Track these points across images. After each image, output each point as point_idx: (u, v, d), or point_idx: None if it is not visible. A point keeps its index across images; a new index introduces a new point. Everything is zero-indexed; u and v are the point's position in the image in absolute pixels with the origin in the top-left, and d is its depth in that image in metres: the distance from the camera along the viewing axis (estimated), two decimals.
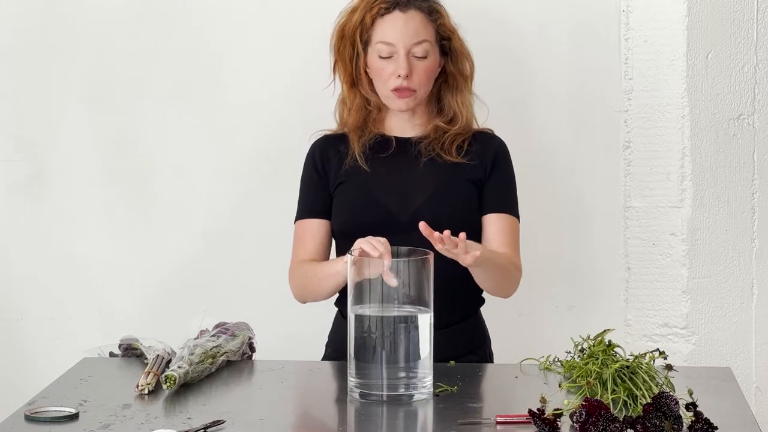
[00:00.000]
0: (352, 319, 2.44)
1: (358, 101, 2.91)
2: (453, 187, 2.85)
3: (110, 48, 3.44)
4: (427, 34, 2.85)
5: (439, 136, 2.88)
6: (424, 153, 2.87)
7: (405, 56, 2.82)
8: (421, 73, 2.84)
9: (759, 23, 3.32)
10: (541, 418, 2.23)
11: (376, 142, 2.90)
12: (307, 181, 2.92)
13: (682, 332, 3.39)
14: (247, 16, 3.42)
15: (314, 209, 2.90)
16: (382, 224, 2.56)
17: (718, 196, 3.36)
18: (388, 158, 2.88)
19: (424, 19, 2.86)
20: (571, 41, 3.38)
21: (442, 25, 2.89)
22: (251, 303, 3.37)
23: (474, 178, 2.87)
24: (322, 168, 2.90)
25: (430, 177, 2.85)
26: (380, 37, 2.84)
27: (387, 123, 2.93)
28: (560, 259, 3.45)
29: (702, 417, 2.21)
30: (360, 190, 2.86)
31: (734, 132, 3.35)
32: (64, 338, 3.49)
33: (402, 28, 2.83)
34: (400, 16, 2.84)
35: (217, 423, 2.29)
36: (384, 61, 2.83)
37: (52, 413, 2.35)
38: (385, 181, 2.86)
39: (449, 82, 2.91)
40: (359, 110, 2.91)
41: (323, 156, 2.91)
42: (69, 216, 3.48)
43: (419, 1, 2.86)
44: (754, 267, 3.38)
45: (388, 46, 2.83)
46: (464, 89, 2.92)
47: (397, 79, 2.82)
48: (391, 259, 2.43)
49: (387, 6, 2.84)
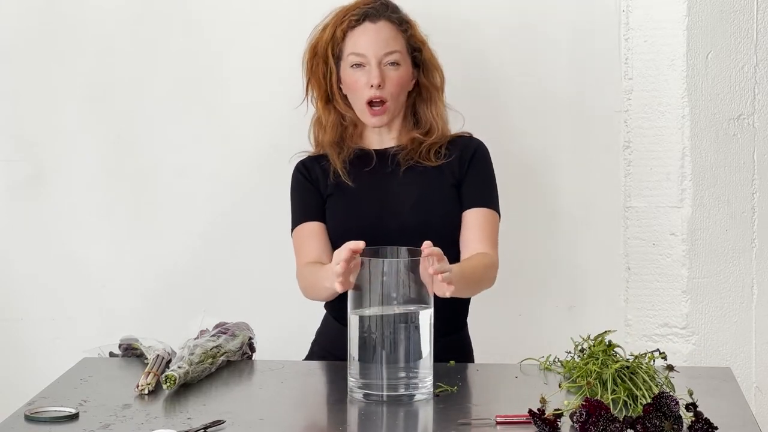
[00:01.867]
0: (352, 319, 2.44)
1: (333, 118, 2.92)
2: (437, 192, 2.86)
3: (110, 48, 3.44)
4: (398, 45, 2.86)
5: (416, 146, 2.89)
6: (403, 162, 2.88)
7: (377, 66, 2.83)
8: (393, 83, 2.84)
9: (759, 23, 3.32)
10: (542, 418, 2.23)
11: (356, 157, 2.91)
12: (299, 191, 2.92)
13: (682, 332, 3.39)
14: (247, 16, 3.42)
15: (310, 212, 2.89)
16: (371, 234, 2.56)
17: (718, 196, 3.36)
18: (371, 171, 2.89)
19: (395, 30, 2.87)
20: (571, 41, 3.38)
21: (412, 36, 2.90)
22: (251, 303, 3.37)
23: (455, 181, 2.88)
24: (311, 180, 2.90)
25: (413, 184, 2.87)
26: (351, 48, 2.85)
27: (364, 137, 2.94)
28: (560, 259, 3.45)
29: (702, 417, 2.21)
30: (347, 204, 2.87)
31: (734, 132, 3.35)
32: (64, 338, 3.49)
33: (373, 38, 2.84)
34: (370, 27, 2.85)
35: (217, 423, 2.29)
36: (356, 72, 2.84)
37: (52, 413, 2.35)
38: (370, 192, 2.87)
39: (423, 94, 2.93)
40: (334, 127, 2.92)
41: (309, 171, 2.92)
42: (69, 216, 3.48)
43: (389, 12, 2.88)
44: (754, 267, 3.38)
45: (360, 56, 2.84)
46: (437, 100, 2.93)
47: (370, 90, 2.83)
48: (345, 267, 2.39)
49: (357, 18, 2.86)
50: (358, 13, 2.86)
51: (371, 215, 2.84)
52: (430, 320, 2.44)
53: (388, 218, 2.83)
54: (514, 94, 3.41)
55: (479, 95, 3.39)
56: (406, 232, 2.73)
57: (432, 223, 2.82)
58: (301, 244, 2.88)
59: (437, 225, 2.82)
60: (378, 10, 2.87)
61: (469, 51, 3.38)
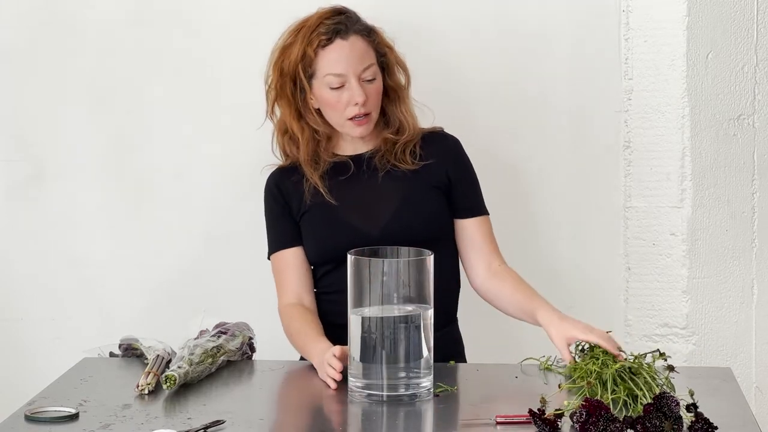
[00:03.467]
0: (352, 319, 2.44)
1: (308, 134, 2.90)
2: (417, 196, 2.86)
3: (110, 48, 3.44)
4: (371, 57, 2.85)
5: (390, 147, 2.89)
6: (380, 167, 2.88)
7: (357, 84, 2.81)
8: (373, 96, 2.84)
9: (759, 23, 3.32)
10: (542, 418, 2.23)
11: (331, 167, 2.90)
12: (271, 214, 2.92)
13: (682, 332, 3.39)
14: (247, 16, 3.42)
15: (285, 239, 2.90)
16: (353, 245, 2.56)
17: (718, 196, 3.36)
18: (348, 180, 2.89)
19: (365, 43, 2.85)
20: (571, 41, 3.38)
21: (379, 43, 2.89)
22: (251, 303, 3.37)
23: (437, 183, 2.88)
24: (283, 200, 2.90)
25: (392, 189, 2.87)
26: (328, 69, 2.82)
27: (338, 145, 2.93)
28: (560, 259, 3.45)
29: (702, 417, 2.21)
30: (326, 216, 2.86)
31: (734, 132, 3.35)
32: (64, 338, 3.49)
33: (348, 56, 2.82)
34: (343, 44, 2.82)
35: (217, 423, 2.29)
36: (336, 92, 2.82)
37: (52, 413, 2.35)
38: (349, 202, 2.86)
39: (389, 95, 2.92)
40: (309, 142, 2.90)
41: (280, 189, 2.91)
42: (69, 216, 3.48)
43: (356, 25, 2.86)
44: (754, 267, 3.38)
45: (338, 77, 2.81)
46: (404, 98, 2.93)
47: (354, 107, 2.81)
48: (340, 377, 2.52)
49: (327, 37, 2.82)
50: (326, 31, 2.82)
51: (351, 225, 2.84)
52: (430, 320, 2.45)
53: (369, 227, 2.83)
54: (514, 95, 3.41)
55: (479, 95, 3.39)
56: (389, 238, 2.73)
57: (414, 227, 2.83)
58: (280, 278, 2.90)
59: (420, 228, 2.83)
60: (346, 25, 2.83)
61: (469, 51, 3.38)
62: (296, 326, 2.81)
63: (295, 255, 2.89)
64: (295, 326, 2.81)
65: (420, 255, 2.44)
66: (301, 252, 2.89)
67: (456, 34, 3.36)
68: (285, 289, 2.89)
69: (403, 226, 2.82)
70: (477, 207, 2.91)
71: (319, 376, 2.59)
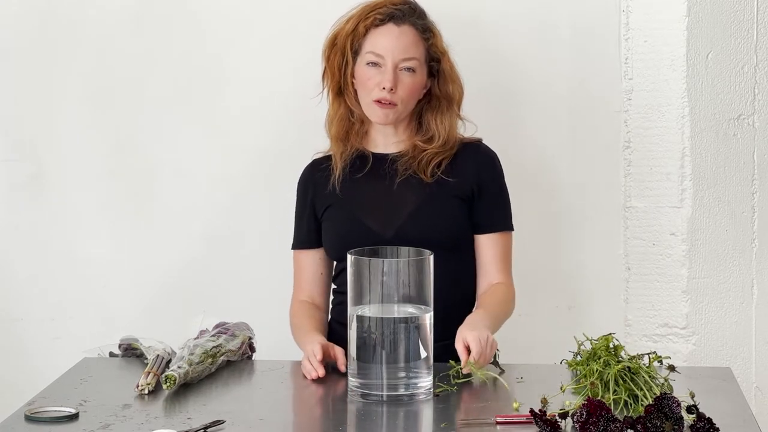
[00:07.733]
0: (352, 319, 2.44)
1: (342, 111, 2.92)
2: (437, 203, 2.86)
3: (110, 48, 3.44)
4: (417, 52, 2.85)
5: (417, 154, 2.89)
6: (400, 171, 2.88)
7: (392, 69, 2.82)
8: (405, 88, 2.84)
9: (759, 23, 3.32)
10: (543, 418, 2.23)
11: (355, 158, 2.91)
12: (299, 210, 2.98)
13: (682, 332, 3.39)
14: (247, 16, 3.42)
15: (305, 239, 2.95)
16: (367, 244, 2.57)
17: (718, 196, 3.36)
18: (366, 177, 2.90)
19: (416, 37, 2.86)
20: (571, 41, 3.38)
21: (433, 45, 2.89)
22: (251, 303, 3.37)
23: (460, 194, 2.87)
24: (311, 197, 2.94)
25: (411, 193, 2.87)
26: (371, 47, 2.85)
27: (369, 137, 2.94)
28: (560, 259, 3.45)
29: (704, 417, 2.21)
30: (344, 213, 2.88)
31: (734, 132, 3.35)
32: (64, 338, 3.49)
33: (393, 41, 2.84)
34: (393, 29, 2.85)
35: (217, 423, 2.29)
36: (371, 70, 2.84)
37: (52, 413, 2.35)
38: (367, 201, 2.88)
39: (432, 102, 2.92)
40: (342, 121, 2.92)
41: (310, 182, 2.95)
42: (69, 216, 3.48)
43: (414, 18, 2.87)
44: (754, 267, 3.38)
45: (377, 56, 2.84)
46: (448, 111, 2.92)
47: (381, 91, 2.82)
48: (316, 376, 2.58)
49: (382, 17, 2.85)
50: (383, 12, 2.85)
51: (366, 225, 2.85)
52: (430, 320, 2.44)
53: (382, 228, 2.84)
54: (514, 95, 3.41)
55: (478, 95, 3.38)
56: (403, 241, 2.73)
57: (429, 232, 2.83)
58: (297, 275, 2.98)
59: (434, 233, 2.83)
60: (405, 13, 2.86)
61: (469, 51, 3.38)
62: (296, 321, 2.88)
63: (313, 258, 2.94)
64: (296, 321, 2.88)
65: (420, 255, 2.44)
66: (319, 254, 2.94)
67: (455, 34, 3.36)
68: (299, 286, 2.96)
69: (418, 231, 2.81)
70: (494, 224, 2.90)
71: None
